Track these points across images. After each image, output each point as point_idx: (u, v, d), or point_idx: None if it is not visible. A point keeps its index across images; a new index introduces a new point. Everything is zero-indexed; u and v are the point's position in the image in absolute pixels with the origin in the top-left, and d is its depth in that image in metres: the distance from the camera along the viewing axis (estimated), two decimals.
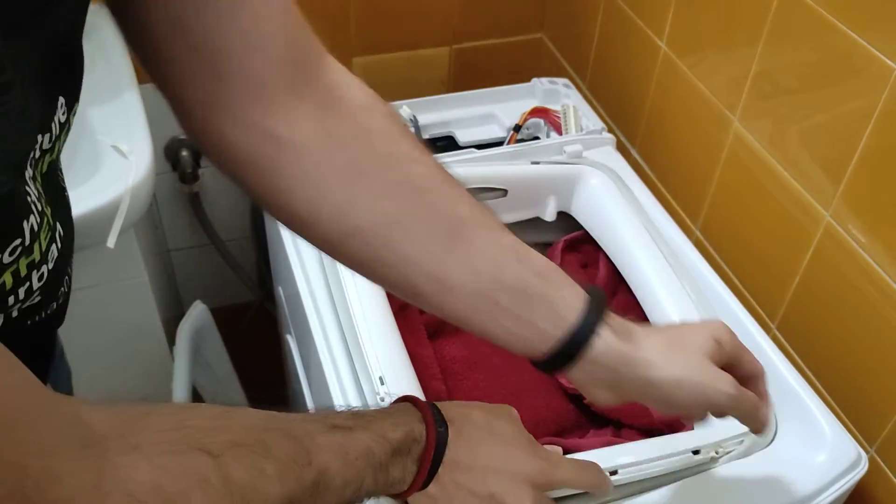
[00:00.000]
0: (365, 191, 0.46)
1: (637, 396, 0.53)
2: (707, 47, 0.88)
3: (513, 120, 0.97)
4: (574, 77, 1.17)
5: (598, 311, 0.51)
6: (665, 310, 0.76)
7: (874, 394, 0.71)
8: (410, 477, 0.47)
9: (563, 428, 0.79)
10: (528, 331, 0.50)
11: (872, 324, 0.70)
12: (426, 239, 0.48)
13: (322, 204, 0.46)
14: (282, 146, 0.45)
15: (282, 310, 1.00)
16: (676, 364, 0.52)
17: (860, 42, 0.67)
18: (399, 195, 0.47)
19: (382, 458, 0.44)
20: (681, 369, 0.52)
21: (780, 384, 0.70)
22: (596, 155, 0.92)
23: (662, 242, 0.82)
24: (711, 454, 0.64)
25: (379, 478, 0.45)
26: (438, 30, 1.20)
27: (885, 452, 0.71)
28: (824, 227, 0.74)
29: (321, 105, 0.46)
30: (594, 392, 0.53)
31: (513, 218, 0.90)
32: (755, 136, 0.82)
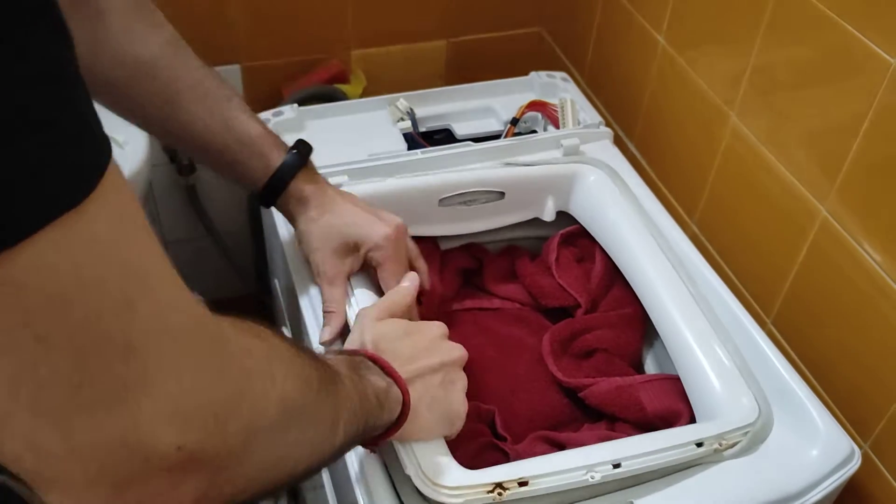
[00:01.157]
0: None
1: (326, 230, 0.71)
2: (705, 42, 0.88)
3: (510, 113, 0.97)
4: (572, 71, 1.17)
5: (298, 158, 0.71)
6: (663, 303, 0.76)
7: (868, 389, 0.71)
8: (393, 418, 0.54)
9: (557, 422, 0.79)
10: (247, 176, 0.71)
11: (867, 319, 0.70)
12: (159, 103, 0.67)
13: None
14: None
15: (277, 302, 1.00)
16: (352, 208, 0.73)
17: (858, 37, 0.67)
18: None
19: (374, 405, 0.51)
20: (353, 209, 0.73)
21: (775, 378, 0.70)
22: (593, 149, 0.92)
23: (659, 237, 0.82)
24: (715, 446, 0.64)
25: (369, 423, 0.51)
26: (436, 23, 1.20)
27: (879, 447, 0.71)
28: (820, 221, 0.74)
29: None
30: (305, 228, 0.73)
31: (512, 220, 0.90)
32: (752, 131, 0.82)
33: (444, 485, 0.57)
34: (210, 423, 0.33)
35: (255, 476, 0.37)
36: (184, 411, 0.32)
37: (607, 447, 0.64)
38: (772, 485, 0.64)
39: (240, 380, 0.35)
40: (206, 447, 0.33)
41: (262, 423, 0.37)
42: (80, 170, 0.27)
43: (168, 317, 0.31)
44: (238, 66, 1.13)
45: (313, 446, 0.43)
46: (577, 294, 0.85)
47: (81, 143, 0.28)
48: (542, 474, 0.60)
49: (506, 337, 0.86)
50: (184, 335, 0.32)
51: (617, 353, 0.83)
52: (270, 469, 0.39)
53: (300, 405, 0.40)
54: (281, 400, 0.38)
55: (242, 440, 0.35)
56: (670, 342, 0.75)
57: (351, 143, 0.91)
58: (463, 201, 0.86)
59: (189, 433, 0.32)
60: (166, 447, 0.31)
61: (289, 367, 0.40)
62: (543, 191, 0.89)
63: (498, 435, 0.75)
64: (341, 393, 0.46)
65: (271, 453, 0.38)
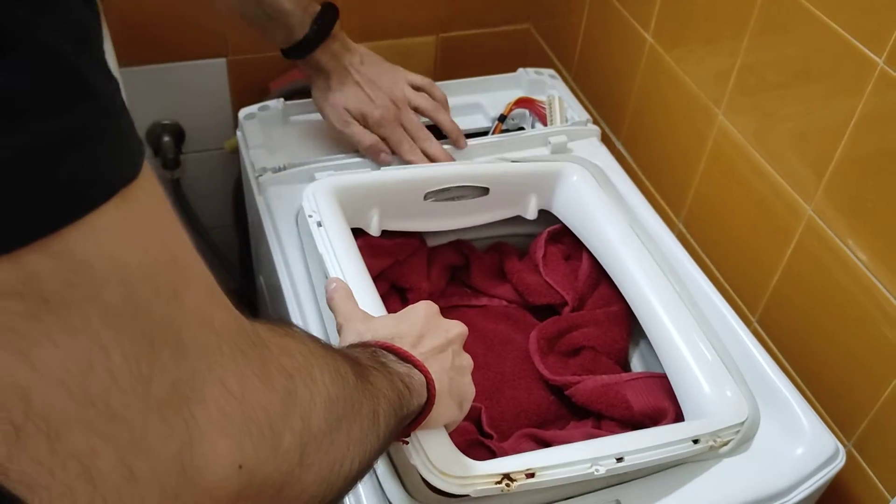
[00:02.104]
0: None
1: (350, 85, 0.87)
2: (693, 40, 0.88)
3: (498, 110, 0.97)
4: (560, 68, 1.17)
5: (319, 34, 0.84)
6: (650, 302, 0.76)
7: (853, 388, 0.71)
8: (422, 402, 0.51)
9: (543, 419, 0.79)
10: (274, 43, 0.85)
11: (852, 318, 0.70)
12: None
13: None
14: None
15: (263, 298, 0.99)
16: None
17: (845, 36, 0.67)
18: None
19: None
20: (356, 91, 0.87)
21: (760, 377, 0.70)
22: (581, 146, 0.92)
23: (644, 235, 0.82)
24: (710, 443, 0.64)
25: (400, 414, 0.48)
26: (425, 18, 1.19)
27: (863, 446, 0.71)
28: (806, 221, 0.74)
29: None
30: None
31: (494, 217, 0.89)
32: (739, 130, 0.82)
33: (453, 474, 0.57)
34: (265, 434, 0.30)
35: (314, 491, 0.34)
36: (237, 421, 0.28)
37: (610, 441, 0.64)
38: (757, 483, 0.64)
39: (284, 382, 0.33)
40: (265, 465, 0.30)
41: (313, 429, 0.34)
42: (131, 145, 0.26)
43: (211, 313, 0.29)
44: (224, 60, 1.12)
45: (361, 444, 0.40)
46: (563, 292, 0.85)
47: (125, 119, 0.26)
48: (549, 466, 0.59)
49: (493, 334, 0.86)
50: (227, 333, 0.29)
51: (603, 351, 0.83)
52: (327, 478, 0.36)
53: (343, 402, 0.38)
54: (326, 399, 0.36)
55: (298, 451, 0.32)
56: (657, 341, 0.75)
57: (337, 139, 0.90)
58: (448, 196, 0.86)
59: (246, 447, 0.29)
60: (227, 467, 0.28)
61: (323, 364, 0.37)
62: (526, 188, 0.88)
63: (484, 432, 0.75)
64: (374, 384, 0.44)
65: (326, 459, 0.35)
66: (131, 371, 0.25)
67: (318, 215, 0.75)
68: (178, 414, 0.26)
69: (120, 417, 0.25)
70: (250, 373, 0.30)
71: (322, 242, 0.72)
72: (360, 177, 0.82)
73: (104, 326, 0.24)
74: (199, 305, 0.28)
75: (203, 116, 1.16)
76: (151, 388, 0.25)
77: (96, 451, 0.24)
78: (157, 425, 0.26)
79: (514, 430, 0.76)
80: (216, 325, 0.29)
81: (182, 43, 1.09)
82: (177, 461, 0.26)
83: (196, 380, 0.27)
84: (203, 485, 0.27)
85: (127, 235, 0.25)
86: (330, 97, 0.86)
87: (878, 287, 0.67)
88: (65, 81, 0.23)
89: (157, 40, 1.09)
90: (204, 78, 1.13)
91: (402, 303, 0.85)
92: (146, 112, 1.13)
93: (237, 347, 0.30)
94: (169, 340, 0.26)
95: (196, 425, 0.27)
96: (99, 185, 0.24)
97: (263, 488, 0.30)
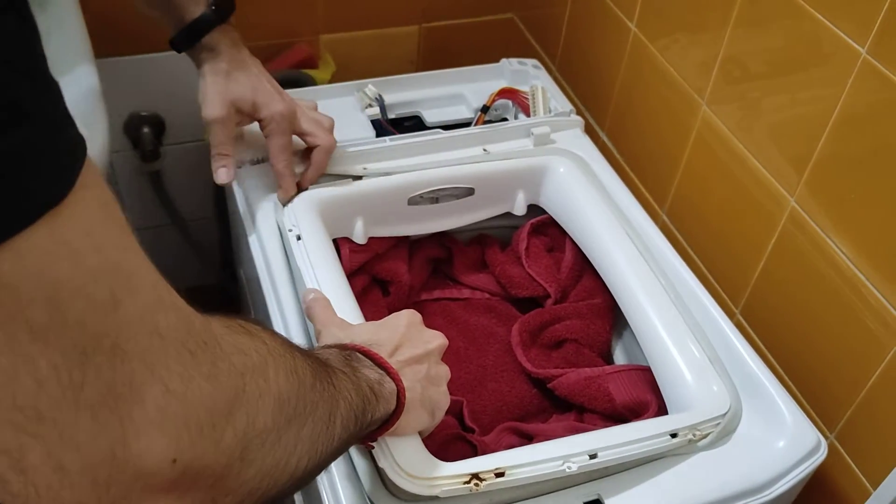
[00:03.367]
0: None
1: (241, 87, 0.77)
2: (677, 30, 0.87)
3: (481, 101, 0.96)
4: (544, 58, 1.16)
5: (215, 16, 0.76)
6: (634, 294, 0.76)
7: (835, 380, 0.71)
8: (389, 409, 0.52)
9: (526, 412, 0.78)
10: (175, 18, 0.77)
11: (835, 310, 0.70)
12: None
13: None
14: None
15: (243, 291, 0.98)
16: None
17: (828, 26, 0.67)
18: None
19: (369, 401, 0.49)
20: (262, 77, 0.79)
21: (742, 369, 0.70)
22: (564, 137, 0.91)
23: (629, 228, 0.81)
24: (689, 437, 0.64)
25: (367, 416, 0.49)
26: (408, 8, 1.18)
27: (845, 438, 0.71)
28: (789, 212, 0.74)
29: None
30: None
31: (483, 215, 0.89)
32: (723, 121, 0.82)
33: (420, 476, 0.56)
34: (205, 431, 0.31)
35: (255, 485, 0.35)
36: (176, 419, 0.30)
37: (583, 438, 0.63)
38: (739, 476, 0.64)
39: (233, 381, 0.33)
40: (203, 458, 0.31)
41: (258, 426, 0.35)
42: (61, 165, 0.26)
43: (154, 317, 0.30)
44: None
45: (312, 444, 0.40)
46: (546, 284, 0.85)
47: (59, 137, 0.26)
48: (518, 464, 0.59)
49: (475, 327, 0.85)
50: (171, 335, 0.30)
51: (586, 344, 0.82)
52: (270, 473, 0.37)
53: (295, 402, 0.39)
54: (276, 398, 0.36)
55: (240, 447, 0.33)
56: (641, 333, 0.74)
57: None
58: (433, 199, 0.85)
59: (183, 443, 0.30)
60: (160, 461, 0.29)
61: (280, 363, 0.38)
62: (513, 185, 0.88)
63: (465, 426, 0.74)
64: (336, 386, 0.44)
65: (270, 456, 0.36)
66: (60, 379, 0.26)
67: (298, 229, 0.74)
68: (113, 413, 0.28)
69: (48, 419, 0.26)
70: (196, 373, 0.31)
71: (301, 256, 0.72)
72: (341, 188, 0.81)
73: (31, 341, 0.26)
74: (142, 311, 0.29)
75: (184, 107, 1.14)
76: (83, 392, 0.27)
77: (25, 446, 0.26)
78: (88, 424, 0.27)
79: (496, 424, 0.75)
80: (161, 329, 0.30)
81: (162, 32, 1.07)
82: (108, 454, 0.28)
83: (135, 381, 0.28)
84: (134, 475, 0.29)
85: (56, 253, 0.26)
86: (226, 82, 0.76)
87: (861, 279, 0.67)
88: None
89: (137, 30, 1.07)
90: (184, 68, 1.10)
91: (383, 296, 0.85)
92: (125, 103, 1.12)
93: (185, 348, 0.31)
94: (104, 348, 0.27)
95: (131, 422, 0.28)
96: (23, 209, 0.25)
97: (199, 479, 0.31)
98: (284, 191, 0.79)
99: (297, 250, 0.73)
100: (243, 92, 0.77)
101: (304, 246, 0.73)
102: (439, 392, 0.59)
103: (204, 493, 0.32)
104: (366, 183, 0.82)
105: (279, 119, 0.77)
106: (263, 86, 0.78)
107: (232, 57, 0.77)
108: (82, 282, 0.27)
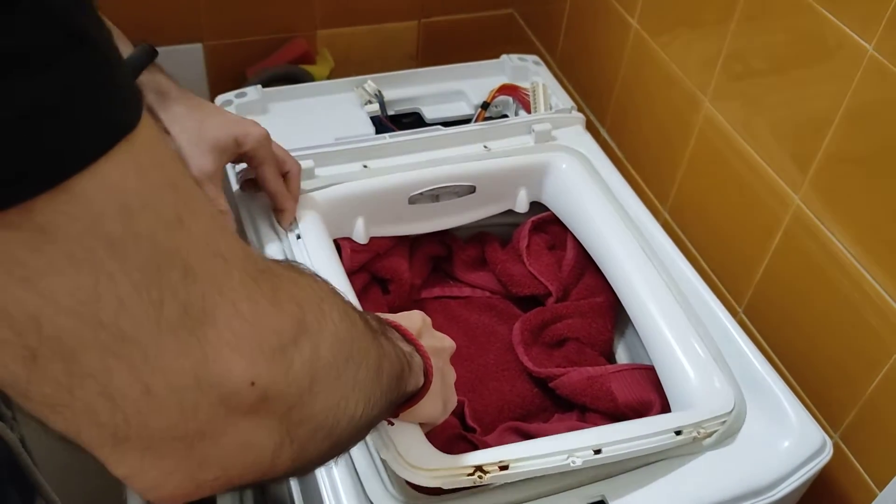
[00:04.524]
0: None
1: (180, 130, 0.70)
2: (678, 26, 0.87)
3: (481, 97, 0.95)
4: (544, 54, 1.15)
5: (145, 56, 0.69)
6: (637, 292, 0.75)
7: (840, 379, 0.71)
8: (419, 384, 0.51)
9: (527, 412, 0.78)
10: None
11: (839, 309, 0.69)
12: None
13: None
14: None
15: None
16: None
17: (833, 21, 0.66)
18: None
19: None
20: (222, 110, 0.73)
21: (746, 368, 0.70)
22: (565, 134, 0.91)
23: (631, 225, 0.81)
24: (693, 435, 0.63)
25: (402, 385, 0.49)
26: (407, 2, 1.17)
27: (850, 439, 0.70)
28: (793, 210, 0.73)
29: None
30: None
31: (485, 213, 0.88)
32: (726, 118, 0.81)
33: (424, 467, 0.56)
34: (276, 355, 0.31)
35: (321, 420, 0.35)
36: (251, 341, 0.30)
37: (588, 433, 0.63)
38: (743, 477, 0.63)
39: (294, 310, 0.33)
40: (277, 384, 0.31)
41: (322, 359, 0.35)
42: (131, 95, 0.27)
43: (217, 239, 0.30)
44: (200, 45, 1.09)
45: (364, 391, 0.40)
46: (548, 282, 0.84)
47: (125, 69, 0.27)
48: (523, 457, 0.58)
49: (476, 325, 0.85)
50: (235, 259, 0.30)
51: (588, 343, 0.82)
52: (333, 411, 0.36)
53: (350, 343, 0.38)
54: (334, 335, 0.36)
55: (308, 376, 0.33)
56: (644, 331, 0.74)
57: (317, 127, 0.88)
58: (434, 198, 0.84)
59: (259, 364, 0.30)
60: (240, 381, 0.29)
61: (332, 302, 0.38)
62: (515, 182, 0.87)
63: (467, 426, 0.74)
64: (381, 343, 0.44)
65: (333, 393, 0.36)
66: (140, 296, 0.26)
67: (298, 228, 0.74)
68: (192, 334, 0.28)
69: (132, 339, 0.26)
70: (261, 297, 0.31)
71: (301, 256, 0.71)
72: (342, 188, 0.80)
73: (109, 256, 0.25)
74: (204, 232, 0.29)
75: None
76: (163, 311, 0.27)
77: (112, 369, 0.26)
78: (171, 345, 0.27)
79: (497, 424, 0.75)
80: (224, 251, 0.30)
81: (157, 28, 1.07)
82: (191, 376, 0.28)
83: (207, 303, 0.28)
84: (218, 397, 0.29)
85: (124, 168, 0.26)
86: (198, 128, 0.71)
87: (866, 277, 0.66)
88: (60, 32, 0.24)
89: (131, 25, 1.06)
90: (180, 64, 1.10)
91: (383, 294, 0.84)
92: None
93: (246, 273, 0.30)
94: (177, 265, 0.27)
95: (209, 344, 0.28)
96: (103, 135, 0.25)
97: (275, 405, 0.31)
98: (290, 212, 0.76)
99: (298, 250, 0.72)
100: (218, 133, 0.71)
101: (304, 245, 0.73)
102: (450, 389, 0.59)
103: (279, 422, 0.32)
104: (366, 182, 0.81)
105: (264, 142, 0.73)
106: (231, 117, 0.74)
107: (184, 96, 0.71)
108: (149, 195, 0.27)
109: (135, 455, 0.28)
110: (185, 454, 0.29)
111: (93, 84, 0.25)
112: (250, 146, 0.72)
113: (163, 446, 0.28)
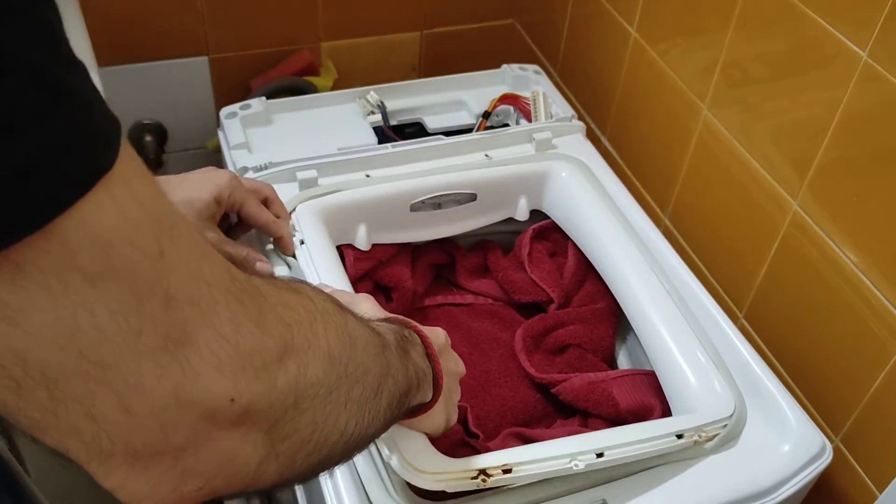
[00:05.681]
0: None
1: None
2: (677, 34, 0.88)
3: (482, 106, 0.96)
4: (545, 63, 1.16)
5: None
6: (638, 298, 0.76)
7: (839, 383, 0.71)
8: (425, 400, 0.52)
9: (530, 418, 0.78)
10: None
11: (839, 313, 0.70)
12: None
13: None
14: None
15: None
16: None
17: (829, 30, 0.67)
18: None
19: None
20: (181, 177, 0.69)
21: (747, 373, 0.70)
22: (566, 143, 0.91)
23: (632, 231, 0.81)
24: (695, 438, 0.63)
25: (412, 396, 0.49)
26: (410, 14, 1.18)
27: (850, 442, 0.71)
28: (792, 216, 0.74)
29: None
30: None
31: (486, 221, 0.89)
32: (724, 125, 0.82)
33: (427, 470, 0.56)
34: (259, 374, 0.32)
35: (308, 435, 0.36)
36: (231, 361, 0.31)
37: (590, 437, 0.63)
38: (744, 480, 0.64)
39: (280, 330, 0.34)
40: (259, 400, 0.32)
41: (310, 377, 0.36)
42: (109, 132, 0.28)
43: (199, 265, 0.31)
44: (206, 58, 1.11)
45: (360, 408, 0.41)
46: (549, 289, 0.85)
47: (101, 108, 0.28)
48: (526, 461, 0.59)
49: (478, 332, 0.85)
50: (217, 283, 0.31)
51: (590, 349, 0.82)
52: (322, 427, 0.37)
53: (346, 361, 0.39)
54: (326, 354, 0.37)
55: (293, 393, 0.34)
56: (645, 337, 0.74)
57: (320, 137, 0.89)
58: (436, 206, 0.85)
59: (240, 382, 0.31)
60: (219, 399, 0.30)
61: (329, 321, 0.39)
62: (516, 190, 0.88)
63: (470, 432, 0.74)
64: (388, 360, 0.45)
65: (321, 409, 0.37)
66: (119, 326, 0.27)
67: (301, 234, 0.75)
68: (173, 358, 0.29)
69: (112, 366, 0.28)
70: (245, 319, 0.32)
71: (305, 261, 0.72)
72: (344, 195, 0.81)
73: (86, 289, 0.27)
74: (187, 259, 0.30)
75: (185, 115, 1.15)
76: (142, 338, 0.28)
77: (94, 393, 0.27)
78: (150, 369, 0.28)
79: (500, 429, 0.75)
80: (207, 277, 0.31)
81: (163, 41, 1.08)
82: (172, 397, 0.29)
83: (189, 327, 0.29)
84: (199, 415, 0.30)
85: (100, 206, 0.27)
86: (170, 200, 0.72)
87: (865, 282, 0.67)
88: (42, 91, 0.25)
89: (138, 39, 1.08)
90: (186, 76, 1.12)
91: (386, 302, 0.85)
92: (128, 112, 1.12)
93: (232, 295, 0.32)
94: (157, 294, 0.28)
95: (189, 366, 0.29)
96: (81, 180, 0.26)
97: (258, 421, 0.33)
98: (289, 235, 0.75)
99: (301, 255, 0.73)
100: (192, 195, 0.68)
101: (307, 251, 0.73)
102: (453, 406, 0.59)
103: (264, 436, 0.33)
104: (368, 190, 0.82)
105: (236, 184, 0.71)
106: (195, 175, 0.70)
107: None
108: (128, 229, 0.28)
109: (121, 469, 0.29)
110: (170, 466, 0.30)
111: (74, 134, 0.26)
112: (227, 196, 0.70)
113: (148, 460, 0.30)
